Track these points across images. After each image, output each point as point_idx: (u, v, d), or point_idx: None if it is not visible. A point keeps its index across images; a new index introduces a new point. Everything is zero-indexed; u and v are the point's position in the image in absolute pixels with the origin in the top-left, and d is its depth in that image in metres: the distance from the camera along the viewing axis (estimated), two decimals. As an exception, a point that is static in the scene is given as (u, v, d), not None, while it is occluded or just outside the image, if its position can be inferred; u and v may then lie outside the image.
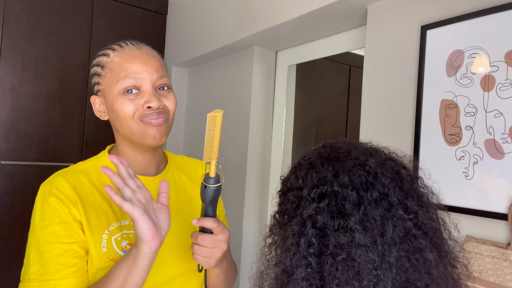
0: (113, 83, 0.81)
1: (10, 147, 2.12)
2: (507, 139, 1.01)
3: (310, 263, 0.55)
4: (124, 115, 0.80)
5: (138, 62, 0.81)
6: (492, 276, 0.98)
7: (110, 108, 0.83)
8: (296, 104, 2.14)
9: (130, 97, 0.80)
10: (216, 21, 2.09)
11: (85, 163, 0.88)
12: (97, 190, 0.83)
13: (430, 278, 0.54)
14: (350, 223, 0.54)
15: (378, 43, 1.38)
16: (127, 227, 0.82)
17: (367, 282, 0.52)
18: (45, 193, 0.79)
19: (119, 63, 0.81)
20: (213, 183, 0.74)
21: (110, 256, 0.78)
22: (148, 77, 0.81)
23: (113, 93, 0.81)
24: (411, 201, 0.57)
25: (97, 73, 0.84)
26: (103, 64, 0.83)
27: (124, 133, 0.83)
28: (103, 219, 0.80)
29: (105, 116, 0.86)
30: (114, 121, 0.84)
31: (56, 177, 0.81)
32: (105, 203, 0.82)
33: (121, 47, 0.84)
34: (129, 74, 0.80)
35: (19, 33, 2.13)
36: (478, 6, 1.10)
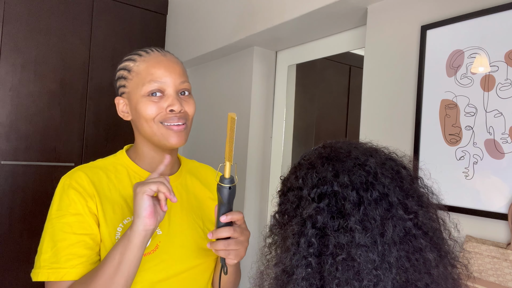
0: (138, 86, 0.87)
1: (10, 147, 2.12)
2: (507, 139, 1.01)
3: (310, 263, 0.55)
4: (147, 116, 0.86)
5: (163, 68, 0.87)
6: (492, 276, 0.98)
7: (134, 109, 0.88)
8: (296, 104, 2.14)
9: (154, 99, 0.86)
10: (216, 21, 2.09)
11: (104, 161, 0.94)
12: (114, 186, 0.88)
13: (430, 278, 0.54)
14: (350, 223, 0.54)
15: (378, 43, 1.38)
16: None
17: (367, 282, 0.52)
18: (64, 185, 0.84)
19: (145, 67, 0.87)
20: (227, 183, 0.78)
21: None
22: (172, 82, 0.87)
23: (138, 95, 0.87)
24: (411, 201, 0.57)
25: (123, 76, 0.90)
26: (129, 68, 0.89)
27: (145, 133, 0.89)
28: (118, 212, 0.85)
29: (128, 116, 0.92)
30: (137, 122, 0.89)
31: (77, 171, 0.87)
32: (121, 199, 0.87)
33: (147, 53, 0.90)
34: (154, 78, 0.86)
35: (19, 33, 2.13)
36: (478, 6, 1.10)
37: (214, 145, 2.30)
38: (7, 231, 2.12)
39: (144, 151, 0.92)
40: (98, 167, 0.90)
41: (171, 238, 0.88)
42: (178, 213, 0.92)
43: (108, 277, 0.73)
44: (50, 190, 2.23)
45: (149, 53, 0.90)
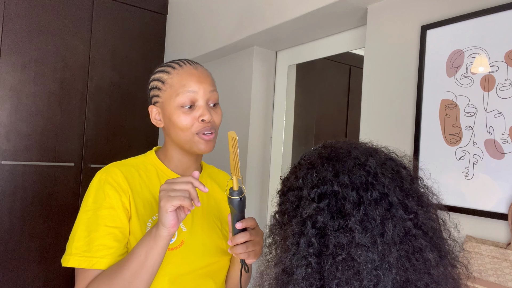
0: (172, 97, 0.94)
1: (10, 147, 2.12)
2: (507, 139, 1.01)
3: (310, 263, 0.55)
4: (182, 126, 0.93)
5: (195, 80, 0.94)
6: (492, 276, 0.98)
7: (168, 118, 0.95)
8: (296, 104, 2.14)
9: (186, 111, 0.93)
10: (216, 21, 2.09)
11: (135, 159, 1.01)
12: (144, 184, 0.95)
13: (430, 278, 0.54)
14: (350, 223, 0.54)
15: (378, 43, 1.38)
16: None
17: (367, 282, 0.52)
18: (101, 179, 0.91)
19: (179, 80, 0.94)
20: (236, 196, 0.86)
21: None
22: (202, 93, 0.94)
23: (171, 105, 0.94)
24: (411, 201, 0.57)
25: (157, 87, 0.97)
26: (163, 80, 0.96)
27: (178, 140, 0.96)
28: (148, 208, 0.92)
29: (161, 124, 0.99)
30: (170, 130, 0.96)
31: (112, 167, 0.94)
32: (151, 196, 0.94)
33: (180, 66, 0.97)
34: (187, 89, 0.93)
35: (19, 33, 2.13)
36: (478, 6, 1.10)
37: (214, 145, 2.30)
38: (7, 231, 2.12)
39: (173, 154, 0.99)
40: (131, 165, 0.97)
41: (194, 235, 0.96)
42: (199, 214, 0.99)
43: (134, 272, 0.80)
44: (50, 190, 2.24)
45: (182, 66, 0.97)
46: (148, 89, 1.02)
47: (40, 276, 2.20)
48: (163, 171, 0.99)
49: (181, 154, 0.99)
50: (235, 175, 0.84)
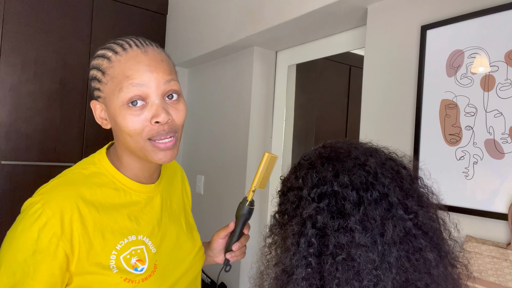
0: (115, 92, 0.72)
1: (10, 147, 2.12)
2: (507, 139, 1.01)
3: (310, 263, 0.55)
4: (129, 131, 0.72)
5: (143, 67, 0.71)
6: (492, 276, 0.98)
7: (113, 120, 0.75)
8: (296, 104, 2.14)
9: (135, 111, 0.71)
10: (216, 21, 2.09)
11: (84, 170, 0.78)
12: (100, 206, 0.75)
13: (430, 278, 0.54)
14: (350, 223, 0.54)
15: (378, 43, 1.38)
16: (134, 242, 0.77)
17: (367, 282, 0.52)
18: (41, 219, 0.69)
19: (122, 70, 0.71)
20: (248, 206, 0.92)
21: (123, 276, 0.74)
22: (155, 85, 0.72)
23: (115, 104, 0.72)
24: (411, 201, 0.57)
25: (97, 78, 0.76)
26: (103, 70, 0.74)
27: (128, 147, 0.76)
28: (109, 238, 0.74)
29: (107, 124, 0.79)
30: (118, 134, 0.77)
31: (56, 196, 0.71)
32: (110, 220, 0.75)
33: (124, 50, 0.73)
34: (132, 82, 0.71)
35: (19, 33, 2.13)
36: (478, 6, 1.10)
37: (213, 146, 2.30)
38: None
39: (128, 161, 0.79)
40: (80, 183, 0.75)
41: (166, 252, 0.83)
42: (167, 223, 0.87)
43: None
44: (50, 190, 2.23)
45: (126, 50, 0.73)
46: (88, 79, 0.80)
47: (40, 276, 2.20)
48: (123, 183, 0.79)
49: (138, 162, 0.79)
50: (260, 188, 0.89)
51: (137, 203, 0.81)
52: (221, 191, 2.20)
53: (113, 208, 0.76)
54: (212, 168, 2.29)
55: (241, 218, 0.92)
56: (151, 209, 0.83)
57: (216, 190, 2.24)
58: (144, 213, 0.81)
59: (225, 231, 0.98)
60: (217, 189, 2.23)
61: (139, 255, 0.77)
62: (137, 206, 0.80)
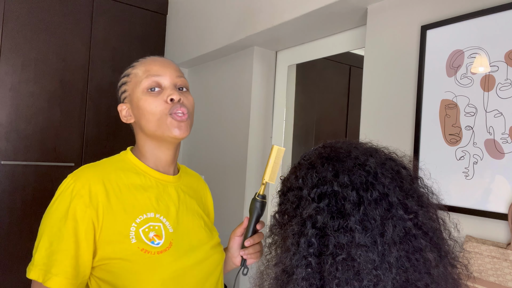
0: (137, 85, 0.92)
1: (10, 147, 2.12)
2: (507, 139, 1.01)
3: (310, 263, 0.55)
4: (151, 110, 0.89)
5: (158, 64, 0.93)
6: (492, 276, 0.98)
7: (136, 108, 0.91)
8: (296, 104, 2.14)
9: (154, 95, 0.90)
10: (216, 21, 2.09)
11: (111, 159, 0.96)
12: (123, 184, 0.89)
13: (430, 278, 0.54)
14: (350, 223, 0.54)
15: (378, 43, 1.38)
16: (153, 219, 0.89)
17: (367, 282, 0.52)
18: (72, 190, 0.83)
19: (141, 68, 0.93)
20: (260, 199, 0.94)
21: (140, 246, 0.84)
22: (168, 75, 0.92)
23: (137, 93, 0.91)
24: (411, 201, 0.57)
25: (123, 82, 0.96)
26: (128, 73, 0.96)
27: (149, 129, 0.91)
28: (130, 211, 0.86)
29: (131, 119, 0.95)
30: (141, 119, 0.92)
31: (86, 172, 0.87)
32: (131, 196, 0.88)
33: (144, 58, 0.97)
34: (151, 74, 0.91)
35: (19, 33, 2.13)
36: (478, 6, 1.10)
37: (213, 146, 2.30)
38: (7, 231, 2.12)
39: (148, 150, 0.95)
40: (107, 166, 0.92)
41: (181, 235, 0.92)
42: (184, 212, 0.96)
43: None
44: (50, 190, 2.23)
45: (145, 58, 0.97)
46: (117, 90, 0.99)
47: (40, 276, 2.21)
48: (142, 169, 0.94)
49: (156, 148, 0.94)
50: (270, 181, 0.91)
51: (156, 187, 0.93)
52: (221, 191, 2.20)
53: (134, 188, 0.90)
54: (212, 168, 2.29)
55: (253, 212, 0.95)
56: (168, 196, 0.95)
57: (216, 190, 2.24)
58: (163, 196, 0.93)
59: (240, 228, 1.00)
60: (217, 189, 2.23)
61: (157, 231, 0.88)
62: (156, 190, 0.93)
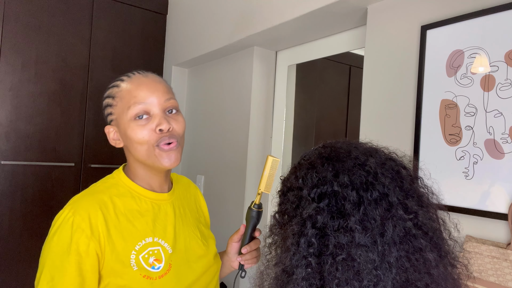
0: (124, 110, 0.87)
1: (10, 147, 2.12)
2: (507, 139, 1.01)
3: (310, 263, 0.55)
4: (138, 140, 0.86)
5: (145, 89, 0.87)
6: (492, 276, 0.98)
7: (124, 134, 0.88)
8: (296, 104, 2.14)
9: (141, 122, 0.86)
10: (216, 21, 2.09)
11: (104, 183, 0.92)
12: (120, 212, 0.86)
13: (430, 278, 0.54)
14: (350, 223, 0.54)
15: (378, 43, 1.38)
16: (151, 244, 0.87)
17: (367, 282, 0.52)
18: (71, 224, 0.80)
19: (128, 91, 0.87)
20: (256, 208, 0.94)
21: (142, 273, 0.83)
22: (156, 101, 0.87)
23: (125, 120, 0.87)
24: (411, 201, 0.57)
25: (109, 104, 0.91)
26: (113, 95, 0.90)
27: (138, 157, 0.88)
28: (128, 239, 0.85)
29: (120, 143, 0.91)
30: (129, 147, 0.89)
31: (83, 205, 0.83)
32: (129, 224, 0.86)
33: (129, 77, 0.90)
34: (138, 100, 0.86)
35: (19, 33, 2.13)
36: (478, 6, 1.10)
37: (213, 146, 2.30)
38: (7, 231, 2.12)
39: (141, 172, 0.92)
40: (102, 193, 0.88)
41: (180, 254, 0.91)
42: (181, 229, 0.95)
43: None
44: (50, 190, 2.24)
45: (131, 77, 0.90)
46: (102, 109, 0.95)
47: (40, 276, 2.21)
48: (137, 191, 0.91)
49: (149, 171, 0.91)
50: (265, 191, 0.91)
51: (151, 209, 0.91)
52: (221, 191, 2.20)
53: (131, 214, 0.87)
54: (212, 168, 2.29)
55: (250, 221, 0.96)
56: (165, 215, 0.93)
57: (216, 190, 2.24)
58: (159, 217, 0.91)
59: (238, 235, 1.02)
60: (217, 189, 2.23)
61: (156, 255, 0.87)
62: (152, 212, 0.91)
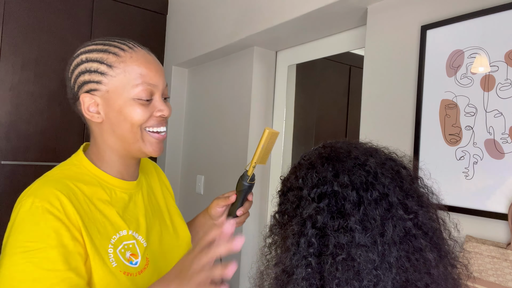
0: (127, 86, 0.78)
1: (10, 147, 2.12)
2: (507, 139, 1.01)
3: (310, 263, 0.55)
4: (136, 121, 0.78)
5: (154, 70, 0.81)
6: (492, 276, 0.98)
7: (117, 111, 0.78)
8: (296, 104, 2.14)
9: (145, 104, 0.79)
10: (216, 21, 2.09)
11: (67, 170, 0.80)
12: (90, 201, 0.77)
13: (430, 278, 0.54)
14: (350, 223, 0.54)
15: (378, 43, 1.38)
16: (126, 237, 0.79)
17: (367, 282, 0.52)
18: (37, 208, 0.69)
19: (136, 66, 0.79)
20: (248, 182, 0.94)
21: (122, 269, 0.75)
22: (161, 87, 0.82)
23: (124, 97, 0.78)
24: (411, 201, 0.57)
25: (97, 71, 0.78)
26: (110, 63, 0.78)
27: (124, 139, 0.80)
28: (103, 232, 0.75)
29: (98, 118, 0.80)
30: (115, 126, 0.79)
31: (48, 189, 0.71)
32: (100, 215, 0.77)
33: (132, 49, 0.81)
34: (147, 80, 0.79)
35: (19, 33, 2.13)
36: (478, 6, 1.10)
37: (213, 146, 2.30)
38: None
39: (113, 158, 0.82)
40: (68, 179, 0.76)
41: (154, 247, 0.85)
42: (151, 219, 0.88)
43: None
44: (50, 190, 2.23)
45: (134, 50, 0.81)
46: (73, 72, 0.80)
47: (40, 276, 2.20)
48: (106, 180, 0.81)
49: (122, 158, 0.83)
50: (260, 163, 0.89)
51: (122, 199, 0.83)
52: (221, 191, 2.20)
53: (101, 204, 0.78)
54: (212, 168, 2.29)
55: (242, 193, 0.95)
56: (135, 205, 0.85)
57: (216, 190, 2.24)
58: (130, 209, 0.83)
59: (225, 202, 0.99)
60: (217, 189, 2.23)
61: (132, 250, 0.79)
62: (122, 202, 0.82)
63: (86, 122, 0.84)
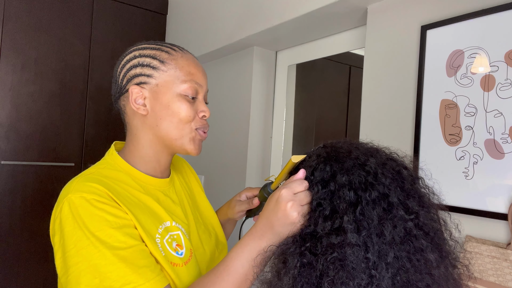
0: (176, 82, 0.81)
1: (10, 147, 2.12)
2: (507, 139, 1.01)
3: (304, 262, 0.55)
4: (184, 117, 0.81)
5: (201, 72, 0.86)
6: (492, 276, 0.98)
7: (164, 105, 0.80)
8: (296, 104, 2.14)
9: (190, 102, 0.82)
10: (216, 21, 2.09)
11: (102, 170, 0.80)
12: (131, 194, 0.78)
13: (431, 279, 0.54)
14: (343, 223, 0.54)
15: (378, 43, 1.38)
16: (171, 228, 0.80)
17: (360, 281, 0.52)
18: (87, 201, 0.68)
19: (186, 65, 0.83)
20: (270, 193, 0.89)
21: (170, 259, 0.75)
22: (205, 88, 0.87)
23: (173, 91, 0.80)
24: (412, 201, 0.57)
25: (150, 65, 0.81)
26: (163, 59, 0.81)
27: (168, 134, 0.81)
28: (150, 222, 0.76)
29: (143, 111, 0.81)
30: (161, 120, 0.80)
31: (90, 183, 0.72)
32: (144, 205, 0.78)
33: (182, 51, 0.85)
34: (195, 79, 0.83)
35: (19, 33, 2.13)
36: (478, 6, 1.10)
37: (213, 146, 2.30)
38: (7, 231, 2.11)
39: (149, 153, 0.83)
40: (104, 177, 0.76)
41: (195, 240, 0.87)
42: (187, 213, 0.90)
43: None
44: (50, 190, 2.24)
45: (184, 52, 0.86)
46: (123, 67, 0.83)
47: (40, 276, 2.20)
48: (140, 178, 0.82)
49: (160, 152, 0.84)
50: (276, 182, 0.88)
51: (159, 196, 0.85)
52: (221, 191, 2.20)
53: (143, 196, 0.79)
54: (212, 168, 2.29)
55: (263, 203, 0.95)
56: (172, 201, 0.87)
57: (216, 190, 2.24)
58: (167, 204, 0.85)
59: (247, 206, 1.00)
60: (217, 189, 2.23)
61: (177, 240, 0.80)
62: (159, 198, 0.84)
63: (125, 119, 0.85)
